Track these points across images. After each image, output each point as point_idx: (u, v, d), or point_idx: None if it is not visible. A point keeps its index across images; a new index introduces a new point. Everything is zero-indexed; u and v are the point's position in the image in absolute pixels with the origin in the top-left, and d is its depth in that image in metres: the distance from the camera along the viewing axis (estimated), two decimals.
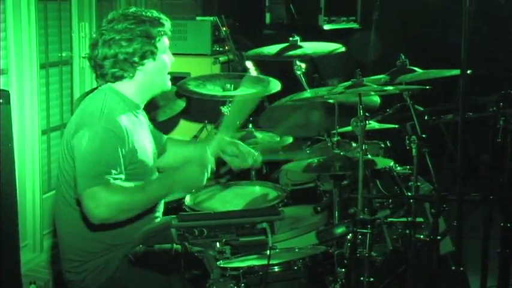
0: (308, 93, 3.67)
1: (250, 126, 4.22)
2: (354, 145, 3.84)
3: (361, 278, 3.15)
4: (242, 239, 2.72)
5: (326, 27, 5.89)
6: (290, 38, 4.13)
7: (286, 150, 4.06)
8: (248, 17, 5.94)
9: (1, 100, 3.42)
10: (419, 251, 3.37)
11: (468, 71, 2.83)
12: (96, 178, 2.71)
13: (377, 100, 3.83)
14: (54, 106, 4.81)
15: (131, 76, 2.94)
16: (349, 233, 3.13)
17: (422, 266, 3.34)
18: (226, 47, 5.20)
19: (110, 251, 2.95)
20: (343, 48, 4.15)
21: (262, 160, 3.34)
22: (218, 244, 2.66)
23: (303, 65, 4.08)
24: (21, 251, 3.75)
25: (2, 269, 3.41)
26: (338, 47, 4.14)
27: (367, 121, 3.19)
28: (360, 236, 3.16)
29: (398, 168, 3.76)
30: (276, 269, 3.01)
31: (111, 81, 2.95)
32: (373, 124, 3.68)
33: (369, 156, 3.45)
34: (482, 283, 3.52)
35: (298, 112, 3.95)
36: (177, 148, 3.37)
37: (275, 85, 4.12)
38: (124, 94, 2.97)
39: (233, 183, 3.92)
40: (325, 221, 3.66)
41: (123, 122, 2.86)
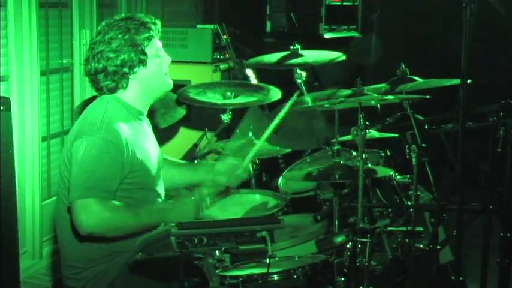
0: (308, 98, 3.68)
1: (250, 134, 4.21)
2: (354, 154, 3.84)
3: (360, 287, 3.14)
4: (242, 247, 2.72)
5: (327, 35, 5.90)
6: (291, 47, 4.14)
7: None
8: (249, 25, 5.94)
9: (2, 107, 3.41)
10: (418, 260, 3.36)
11: (468, 81, 2.84)
12: (90, 190, 2.72)
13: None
14: (54, 113, 4.82)
15: (125, 86, 2.94)
16: (348, 242, 3.13)
17: (421, 275, 3.34)
18: (226, 55, 5.21)
19: (110, 258, 2.95)
20: (343, 57, 4.16)
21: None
22: (218, 252, 2.66)
23: (304, 73, 4.09)
24: (20, 258, 3.74)
25: (2, 276, 3.41)
26: (338, 56, 4.15)
27: (367, 130, 3.19)
28: (360, 245, 3.16)
29: (398, 177, 3.76)
30: (276, 278, 3.00)
31: (107, 93, 2.96)
32: (373, 133, 3.68)
33: (369, 165, 3.45)
34: None
35: (298, 122, 3.95)
36: (174, 170, 3.31)
37: (275, 93, 4.13)
38: (126, 101, 2.97)
39: (233, 191, 3.91)
40: (324, 230, 3.65)
41: (123, 131, 2.86)
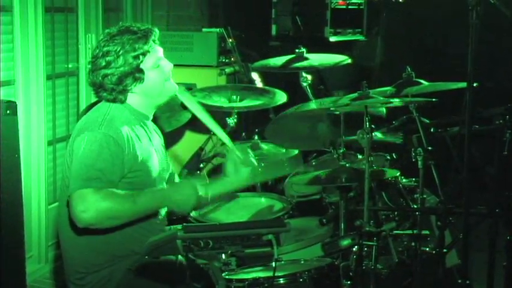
0: (314, 103, 3.68)
1: (256, 137, 4.21)
2: (360, 157, 3.84)
3: None
4: (248, 251, 2.71)
5: (332, 39, 5.90)
6: (296, 50, 4.14)
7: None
8: (254, 29, 5.95)
9: (8, 111, 3.42)
10: (425, 264, 3.35)
11: (474, 84, 2.83)
12: (87, 181, 2.69)
13: (383, 110, 3.83)
14: (60, 117, 4.83)
15: (123, 100, 2.95)
16: (354, 245, 3.12)
17: (428, 279, 3.33)
18: (232, 59, 5.21)
19: (114, 263, 2.94)
20: (349, 60, 4.16)
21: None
22: (224, 256, 2.66)
23: (309, 77, 4.08)
24: (26, 262, 3.74)
25: (8, 281, 3.41)
26: (344, 59, 4.15)
27: (373, 133, 3.19)
28: (366, 248, 3.16)
29: (404, 180, 3.76)
30: (282, 281, 3.00)
31: (109, 102, 2.98)
32: (379, 136, 3.68)
33: (375, 167, 3.45)
34: None
35: (304, 124, 3.95)
36: None
37: (281, 97, 4.13)
38: (130, 105, 2.97)
39: (239, 194, 3.92)
40: (330, 233, 3.65)
41: (124, 130, 2.86)
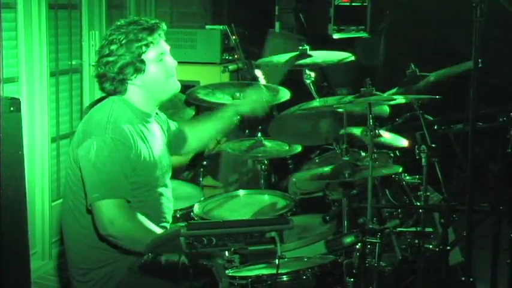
0: (317, 102, 3.67)
1: (259, 134, 4.21)
2: (363, 154, 3.83)
3: None
4: (251, 248, 2.71)
5: (335, 36, 5.89)
6: (299, 47, 4.13)
7: None
8: (257, 26, 5.94)
9: (12, 108, 3.43)
10: (428, 261, 3.35)
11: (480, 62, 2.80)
12: (108, 191, 2.73)
13: (386, 109, 3.83)
14: (63, 114, 4.83)
15: (123, 91, 2.96)
16: (358, 243, 3.11)
17: (431, 277, 3.33)
18: (235, 56, 5.21)
19: (117, 260, 2.95)
20: (352, 57, 4.15)
21: None
22: (227, 253, 2.66)
23: (313, 74, 4.07)
24: (30, 259, 3.75)
25: (12, 277, 3.42)
26: (347, 56, 4.14)
27: (377, 131, 3.19)
28: (369, 246, 3.16)
29: (407, 177, 3.75)
30: (285, 278, 3.00)
31: (110, 95, 2.99)
32: (384, 138, 3.66)
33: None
34: None
35: (307, 121, 3.94)
36: (199, 127, 3.47)
37: (284, 94, 4.12)
38: (132, 103, 2.98)
39: (242, 192, 3.92)
40: (334, 231, 3.64)
41: (128, 130, 2.87)
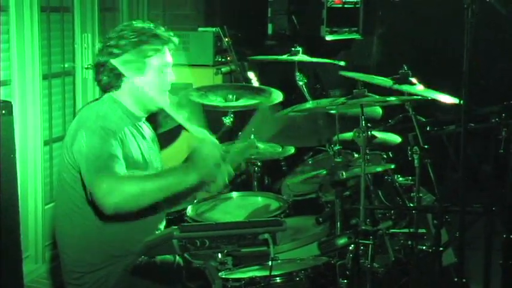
0: (310, 104, 3.68)
1: (252, 137, 4.21)
2: (356, 156, 3.84)
3: None
4: (244, 250, 2.71)
5: (328, 38, 5.91)
6: (292, 49, 4.14)
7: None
8: (250, 28, 5.95)
9: (4, 111, 3.42)
10: (421, 262, 3.36)
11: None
12: (101, 168, 2.65)
13: (379, 111, 3.84)
14: (56, 117, 4.82)
15: (117, 86, 2.95)
16: (351, 244, 3.12)
17: (424, 278, 3.34)
18: (228, 58, 5.21)
19: (111, 263, 2.94)
20: (343, 61, 4.17)
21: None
22: (220, 255, 2.66)
23: (305, 76, 4.09)
24: (23, 262, 3.74)
25: (5, 281, 3.41)
26: (339, 59, 4.16)
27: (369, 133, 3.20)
28: (362, 247, 3.16)
29: (400, 179, 3.76)
30: (278, 280, 3.00)
31: (102, 89, 2.98)
32: (379, 138, 3.66)
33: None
34: None
35: (299, 122, 3.95)
36: None
37: (277, 96, 4.13)
38: (124, 104, 2.97)
39: (235, 194, 3.92)
40: (327, 232, 3.65)
41: (117, 125, 2.85)
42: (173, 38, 3.00)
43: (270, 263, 2.59)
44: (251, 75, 4.56)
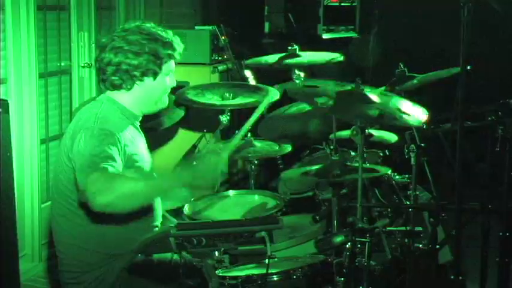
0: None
1: (249, 135, 4.22)
2: (353, 154, 3.84)
3: (360, 287, 3.14)
4: (241, 248, 2.71)
5: (325, 36, 5.91)
6: (289, 47, 4.14)
7: None
8: (247, 26, 5.95)
9: (0, 109, 3.42)
10: (418, 260, 3.36)
11: (468, 67, 2.81)
12: (95, 168, 2.63)
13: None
14: (53, 115, 4.82)
15: (129, 88, 2.95)
16: (348, 242, 3.13)
17: (421, 275, 3.34)
18: (225, 56, 5.21)
19: (108, 262, 2.94)
20: (341, 57, 4.16)
21: None
22: (217, 253, 2.66)
23: (302, 74, 4.08)
24: (19, 261, 3.74)
25: (1, 279, 3.41)
26: (336, 56, 4.15)
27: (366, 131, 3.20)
28: (359, 245, 3.16)
29: (397, 177, 3.76)
30: (275, 278, 3.00)
31: (109, 88, 2.97)
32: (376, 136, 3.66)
33: (368, 164, 3.45)
34: None
35: (296, 121, 3.95)
36: None
37: (274, 94, 4.12)
38: (122, 104, 2.97)
39: (232, 192, 3.92)
40: (324, 230, 3.66)
41: (117, 127, 2.86)
42: (182, 47, 3.04)
43: (267, 261, 2.59)
44: (248, 73, 4.55)
